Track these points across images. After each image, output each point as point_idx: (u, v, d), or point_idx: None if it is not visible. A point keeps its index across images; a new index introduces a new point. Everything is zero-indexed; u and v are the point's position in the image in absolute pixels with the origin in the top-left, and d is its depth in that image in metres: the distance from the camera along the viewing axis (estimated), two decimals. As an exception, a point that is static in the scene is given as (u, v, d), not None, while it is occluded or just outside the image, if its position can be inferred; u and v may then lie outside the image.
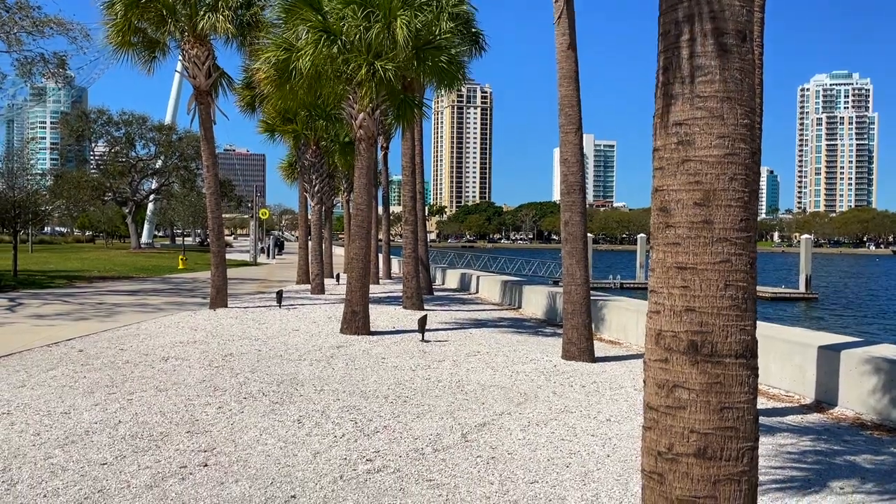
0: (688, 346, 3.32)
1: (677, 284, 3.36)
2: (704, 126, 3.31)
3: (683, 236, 3.35)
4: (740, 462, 3.28)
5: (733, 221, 3.31)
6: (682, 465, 3.30)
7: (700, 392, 3.29)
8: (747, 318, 3.34)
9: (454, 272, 29.65)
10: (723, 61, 3.29)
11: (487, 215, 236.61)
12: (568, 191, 11.11)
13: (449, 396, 8.31)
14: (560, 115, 11.02)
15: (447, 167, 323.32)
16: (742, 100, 3.32)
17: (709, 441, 3.27)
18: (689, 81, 3.34)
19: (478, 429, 6.92)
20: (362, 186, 13.77)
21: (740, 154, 3.31)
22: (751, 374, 3.34)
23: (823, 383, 8.64)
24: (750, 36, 3.34)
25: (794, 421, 7.72)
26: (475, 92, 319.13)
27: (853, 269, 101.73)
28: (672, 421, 3.35)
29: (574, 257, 11.07)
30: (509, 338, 13.49)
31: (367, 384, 8.91)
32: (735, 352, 3.30)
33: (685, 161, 3.35)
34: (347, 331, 13.38)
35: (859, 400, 8.07)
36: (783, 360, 9.35)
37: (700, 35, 3.30)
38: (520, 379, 9.47)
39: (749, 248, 3.34)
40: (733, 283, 3.30)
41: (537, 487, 5.31)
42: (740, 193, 3.32)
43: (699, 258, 3.32)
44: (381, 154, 30.05)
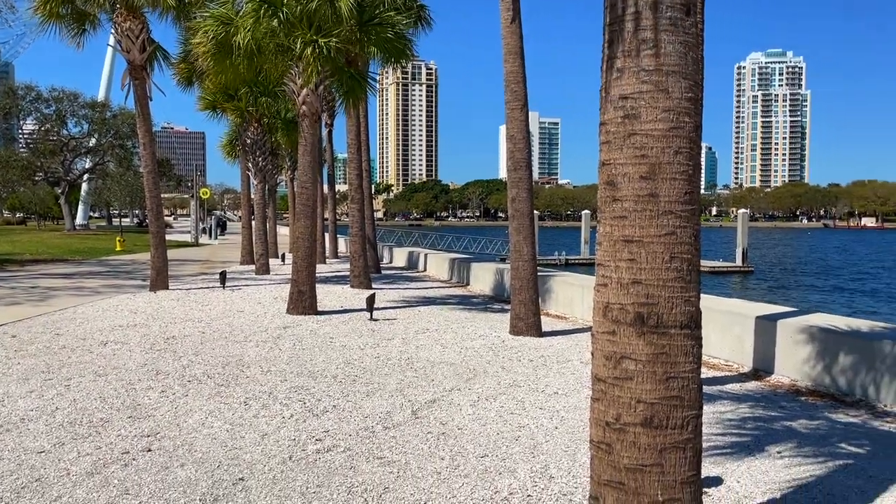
0: (634, 317, 3.36)
1: (624, 257, 3.40)
2: (650, 100, 3.33)
3: (630, 209, 3.38)
4: (685, 430, 3.36)
5: (678, 194, 3.35)
6: (629, 434, 3.36)
7: (646, 363, 3.34)
8: (692, 289, 3.40)
9: (402, 250, 29.58)
10: (668, 35, 3.30)
11: (434, 193, 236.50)
12: (515, 167, 11.14)
13: (398, 374, 8.30)
14: (506, 91, 11.01)
15: (393, 145, 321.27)
16: (687, 73, 3.35)
17: (655, 410, 3.33)
18: (635, 55, 3.34)
19: (428, 405, 6.94)
20: (307, 164, 13.53)
21: (685, 128, 3.35)
22: (695, 345, 3.41)
23: (761, 352, 8.95)
24: (694, 10, 3.37)
25: (733, 389, 7.98)
26: (420, 69, 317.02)
27: (787, 242, 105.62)
28: (620, 392, 3.40)
29: (521, 233, 11.14)
30: (458, 315, 13.55)
31: (316, 364, 8.82)
32: (680, 322, 3.36)
33: (631, 135, 3.37)
34: (294, 311, 13.21)
35: (795, 367, 8.39)
36: (723, 330, 9.63)
37: (645, 8, 3.31)
38: (469, 355, 9.52)
39: (693, 221, 3.40)
40: (678, 255, 3.35)
41: (487, 461, 5.36)
42: (685, 167, 3.36)
43: (645, 231, 3.35)
44: (326, 131, 29.59)
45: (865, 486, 4.95)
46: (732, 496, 4.76)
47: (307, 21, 12.51)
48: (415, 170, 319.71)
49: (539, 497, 4.68)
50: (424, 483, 4.90)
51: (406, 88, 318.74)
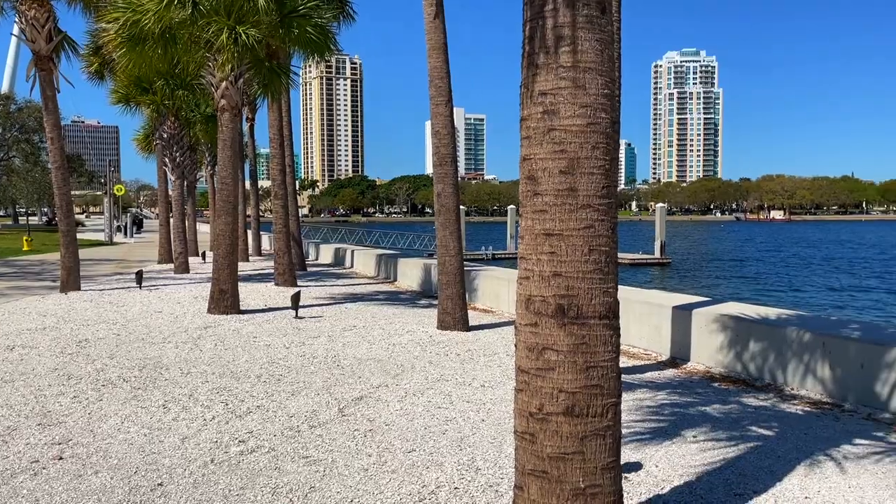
0: (556, 309, 3.43)
1: (545, 250, 3.46)
2: (568, 96, 3.39)
3: (550, 204, 3.44)
4: (605, 417, 3.45)
5: (596, 189, 3.43)
6: (552, 423, 3.43)
7: (567, 353, 3.42)
8: (610, 280, 3.49)
9: (328, 247, 29.23)
10: (585, 32, 3.37)
11: (361, 189, 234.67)
12: (440, 162, 11.17)
13: (325, 372, 8.20)
14: (430, 86, 11.02)
15: (318, 140, 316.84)
16: (603, 70, 3.42)
17: (576, 399, 3.41)
18: (554, 51, 3.40)
19: (355, 402, 6.88)
20: (227, 159, 13.18)
21: (601, 123, 3.43)
22: (613, 334, 3.50)
23: (678, 341, 9.29)
24: (609, 8, 3.45)
25: (652, 377, 8.25)
26: (344, 63, 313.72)
27: (701, 235, 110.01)
28: (542, 382, 3.46)
29: (447, 229, 11.19)
30: (385, 311, 13.49)
31: (238, 364, 8.62)
32: (599, 313, 3.44)
33: (551, 130, 3.43)
34: (215, 310, 12.86)
35: (709, 355, 8.75)
36: (642, 320, 9.95)
37: (563, 6, 3.37)
38: (396, 351, 9.50)
39: (610, 214, 3.49)
40: (597, 247, 3.43)
41: (415, 456, 5.37)
42: (602, 161, 3.44)
43: (565, 224, 3.42)
44: (247, 125, 28.92)
45: (774, 466, 5.21)
46: (651, 480, 4.93)
47: (225, 11, 12.16)
48: (341, 165, 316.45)
49: (466, 489, 4.72)
50: (351, 480, 4.86)
51: (330, 83, 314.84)
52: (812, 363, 7.44)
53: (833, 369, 7.21)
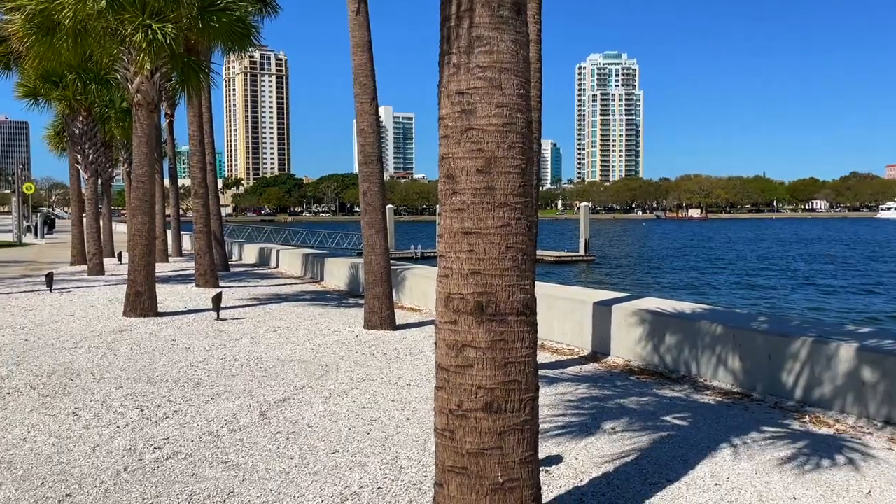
0: (474, 306, 3.46)
1: (464, 249, 3.48)
2: (485, 95, 3.42)
3: (468, 202, 3.47)
4: (523, 412, 3.50)
5: (513, 187, 3.47)
6: (471, 420, 3.46)
7: (486, 350, 3.45)
8: (526, 277, 3.54)
9: (252, 246, 28.61)
10: (500, 33, 3.41)
11: (287, 187, 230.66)
12: (366, 161, 11.10)
13: (247, 375, 8.02)
14: (355, 84, 10.93)
15: (242, 137, 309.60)
16: (518, 71, 3.47)
17: (495, 395, 3.45)
18: (470, 51, 3.43)
19: (277, 405, 6.77)
20: (143, 156, 12.71)
21: (517, 123, 3.48)
22: (530, 330, 3.56)
23: (599, 336, 9.53)
24: (524, 9, 3.50)
25: (573, 371, 8.44)
26: (269, 59, 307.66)
27: (624, 233, 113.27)
28: (461, 379, 3.48)
29: (373, 227, 11.13)
30: (311, 311, 13.31)
31: (155, 369, 8.33)
32: (517, 310, 3.49)
33: (468, 129, 3.45)
34: (132, 313, 12.40)
35: (627, 348, 9.02)
36: (565, 316, 10.16)
37: (478, 6, 3.40)
38: (321, 352, 9.39)
39: (527, 213, 3.54)
40: (514, 245, 3.48)
41: (338, 457, 5.32)
42: (518, 161, 3.49)
43: (483, 223, 3.45)
44: (167, 122, 27.97)
45: (687, 455, 5.41)
46: (571, 473, 5.04)
47: (140, 3, 11.72)
48: (266, 163, 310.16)
49: (389, 489, 4.71)
50: (272, 484, 4.78)
51: (255, 79, 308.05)
52: (723, 355, 7.76)
53: (743, 361, 7.54)
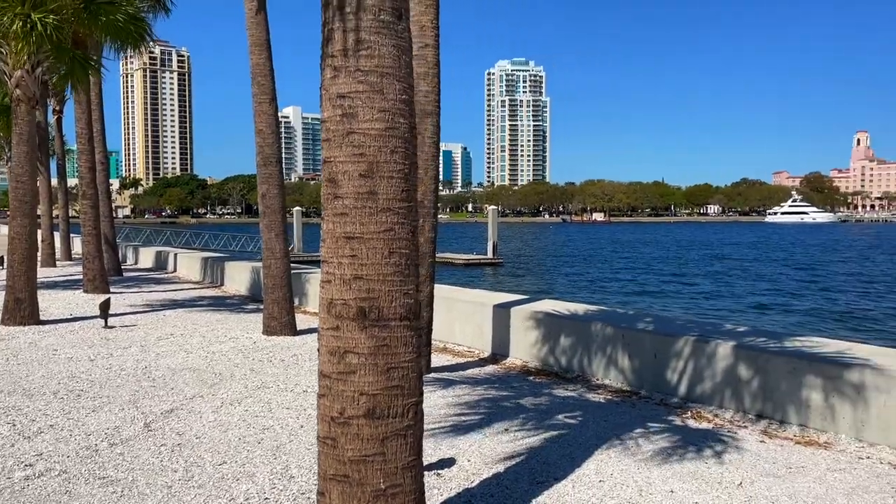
0: (357, 312, 3.43)
1: (346, 254, 3.45)
2: (366, 99, 3.41)
3: (350, 207, 3.44)
4: (406, 417, 3.50)
5: (396, 192, 3.47)
6: (353, 427, 3.43)
7: (369, 355, 3.43)
8: (410, 282, 3.55)
9: (149, 250, 27.41)
10: (381, 37, 3.40)
11: (190, 188, 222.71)
12: (264, 163, 10.85)
13: (133, 385, 7.67)
14: (253, 84, 10.67)
15: (141, 136, 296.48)
16: (400, 76, 3.47)
17: (377, 401, 3.43)
18: (351, 55, 3.40)
19: (164, 416, 6.50)
20: (22, 155, 11.93)
21: (400, 128, 3.48)
22: (414, 335, 3.56)
23: (498, 338, 9.69)
24: (406, 15, 3.51)
25: (473, 373, 8.53)
26: (171, 55, 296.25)
27: (531, 236, 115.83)
28: (343, 386, 3.45)
29: (273, 230, 10.89)
30: (208, 317, 12.88)
31: (33, 380, 7.83)
32: (400, 315, 3.49)
33: (350, 133, 3.42)
34: (10, 322, 11.62)
35: (525, 350, 9.20)
36: (465, 319, 10.26)
37: (360, 10, 3.38)
38: (216, 359, 9.10)
39: (410, 218, 3.55)
40: (397, 250, 3.48)
41: (225, 468, 5.16)
42: (401, 166, 3.49)
43: (365, 228, 3.43)
44: (55, 119, 26.44)
45: (575, 453, 5.57)
46: (462, 475, 5.08)
47: (20, -7, 11.00)
48: (167, 163, 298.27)
49: (277, 499, 4.61)
50: (152, 499, 4.57)
51: (156, 75, 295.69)
52: (614, 355, 8.05)
53: (632, 360, 7.84)
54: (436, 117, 7.99)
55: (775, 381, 6.49)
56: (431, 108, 7.94)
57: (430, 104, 7.91)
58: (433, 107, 7.93)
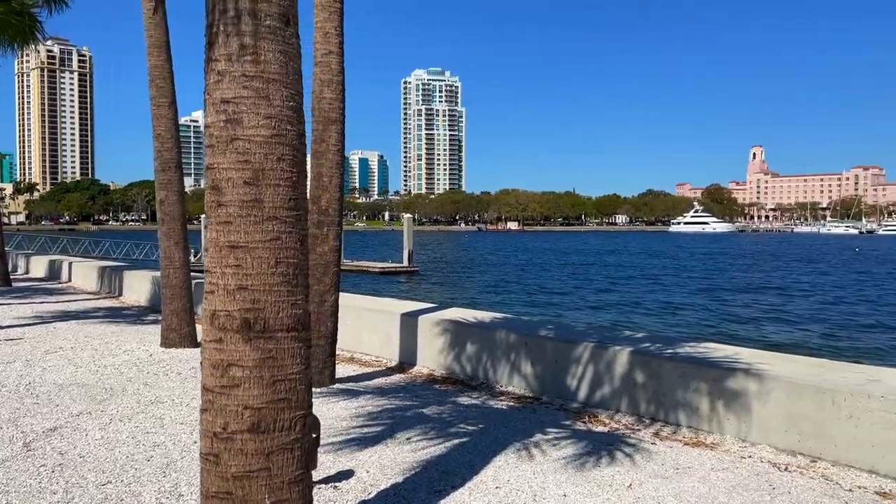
0: (241, 324, 3.34)
1: (230, 263, 3.35)
2: (252, 105, 3.33)
3: (235, 215, 3.35)
4: (293, 431, 3.43)
5: (283, 200, 3.40)
6: (236, 442, 3.33)
7: (254, 368, 3.34)
8: (298, 293, 3.48)
9: (41, 259, 25.88)
10: (267, 42, 3.34)
11: (91, 194, 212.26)
12: (163, 168, 10.46)
13: (14, 403, 7.20)
14: (151, 87, 10.28)
15: (38, 138, 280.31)
16: (287, 82, 3.42)
17: (262, 415, 3.34)
18: (236, 59, 3.32)
19: (46, 435, 6.12)
20: None
21: (287, 135, 3.42)
22: (302, 346, 3.49)
23: (406, 346, 9.67)
24: (293, 21, 3.45)
25: (379, 383, 8.46)
26: (71, 54, 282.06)
27: (447, 244, 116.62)
28: (227, 400, 3.34)
29: (172, 239, 10.51)
30: (103, 329, 12.27)
31: None
32: (287, 326, 3.42)
33: (234, 139, 3.34)
34: None
35: (432, 358, 9.22)
36: (373, 328, 10.19)
37: (245, 14, 3.30)
38: (107, 374, 8.66)
39: (299, 226, 3.48)
40: (284, 260, 3.41)
41: (110, 488, 4.90)
42: (289, 173, 3.43)
43: (250, 236, 3.35)
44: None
45: (474, 460, 5.60)
46: (360, 486, 5.02)
47: None
48: (67, 167, 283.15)
49: (163, 519, 4.41)
50: (25, 525, 4.29)
51: (54, 75, 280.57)
52: (517, 361, 8.17)
53: (534, 366, 7.99)
54: (340, 125, 7.93)
55: (667, 385, 6.75)
56: (336, 116, 7.87)
57: (334, 111, 7.84)
58: (338, 114, 7.86)
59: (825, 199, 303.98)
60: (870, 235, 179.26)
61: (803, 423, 5.79)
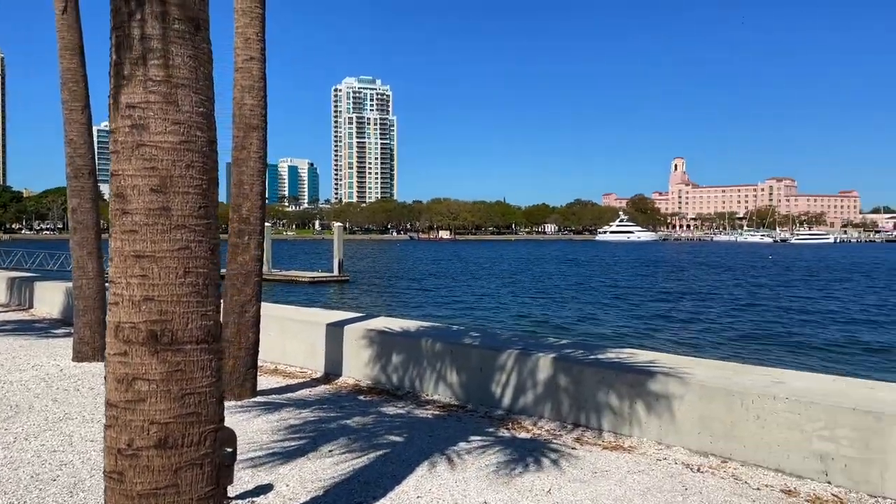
0: (147, 336, 3.22)
1: (136, 274, 3.24)
2: (159, 111, 3.23)
3: (141, 223, 3.24)
4: (203, 446, 3.33)
5: (192, 209, 3.31)
6: (142, 459, 3.20)
7: (161, 382, 3.23)
8: (209, 303, 3.39)
9: (-55, 270, 24.41)
10: (176, 47, 3.25)
11: (2, 201, 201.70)
12: (75, 175, 10.03)
13: None
14: (63, 90, 9.86)
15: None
16: (198, 88, 3.33)
17: (170, 430, 3.23)
18: (143, 63, 3.22)
19: (-59, 457, 5.75)
20: None
21: (196, 142, 3.33)
22: (213, 358, 3.40)
23: (332, 357, 9.55)
24: (204, 25, 3.37)
25: (302, 395, 8.32)
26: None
27: (379, 253, 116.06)
28: (132, 415, 3.22)
29: (85, 248, 10.08)
30: (9, 343, 11.64)
31: None
32: (196, 338, 3.32)
33: (140, 145, 3.23)
34: None
35: (358, 368, 9.14)
36: (298, 338, 10.03)
37: (151, 17, 3.21)
38: (13, 390, 8.22)
39: (209, 235, 3.39)
40: (193, 269, 3.31)
41: (9, 512, 4.65)
42: (198, 181, 3.34)
43: (158, 246, 3.24)
44: None
45: (397, 471, 5.57)
46: (279, 500, 4.92)
47: None
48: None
49: (66, 542, 4.21)
50: (-89, 555, 4.02)
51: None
52: (443, 370, 8.19)
53: (459, 374, 8.02)
54: (262, 131, 7.79)
55: (588, 390, 6.89)
56: (258, 123, 7.73)
57: (256, 118, 7.70)
58: (259, 121, 7.72)
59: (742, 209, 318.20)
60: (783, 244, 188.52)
61: (715, 424, 6.01)
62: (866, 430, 5.23)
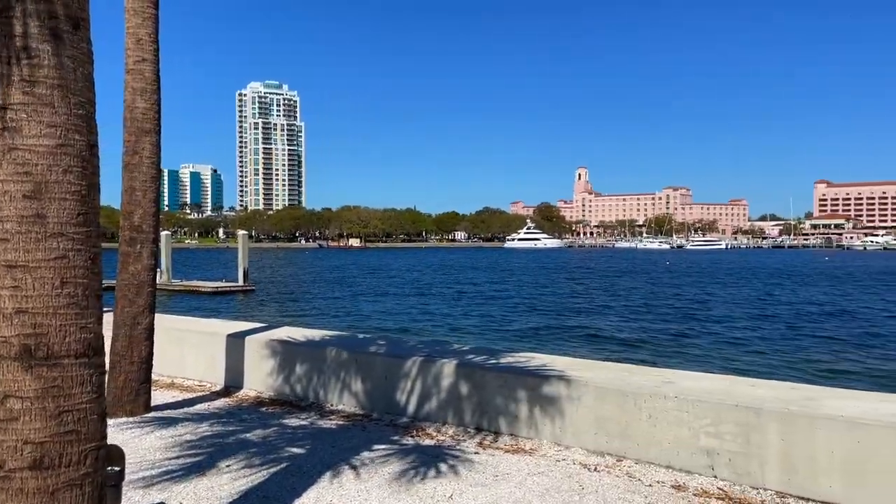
0: (20, 350, 3.03)
1: (7, 285, 3.04)
2: (33, 113, 3.06)
3: (13, 231, 3.05)
4: (83, 465, 3.16)
5: (70, 216, 3.15)
6: (15, 481, 3.01)
7: (35, 399, 3.04)
8: (89, 315, 3.23)
9: None
10: (53, 46, 3.09)
11: None
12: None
13: None
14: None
15: None
16: (76, 89, 3.18)
17: (46, 450, 3.05)
18: (16, 63, 3.04)
19: None
20: None
21: (75, 145, 3.17)
22: (94, 373, 3.24)
23: (232, 369, 9.28)
24: (84, 25, 3.22)
25: (200, 409, 8.05)
26: None
27: (286, 261, 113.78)
28: (4, 435, 3.02)
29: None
30: None
31: None
32: (75, 352, 3.15)
33: (13, 149, 3.05)
34: None
35: (260, 380, 8.92)
36: (197, 350, 9.70)
37: (26, 15, 3.04)
38: None
39: (89, 244, 3.24)
40: (71, 280, 3.15)
41: None
42: (77, 186, 3.18)
43: (32, 255, 3.06)
44: None
45: (297, 483, 5.47)
46: (171, 520, 4.73)
47: None
48: None
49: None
50: None
51: None
52: (348, 379, 8.12)
53: (364, 383, 7.97)
54: (156, 136, 7.51)
55: (490, 395, 7.00)
56: (151, 126, 7.44)
57: (148, 122, 7.41)
58: (152, 125, 7.44)
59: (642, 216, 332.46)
60: (680, 250, 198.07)
61: (610, 424, 6.24)
62: (747, 426, 5.56)
